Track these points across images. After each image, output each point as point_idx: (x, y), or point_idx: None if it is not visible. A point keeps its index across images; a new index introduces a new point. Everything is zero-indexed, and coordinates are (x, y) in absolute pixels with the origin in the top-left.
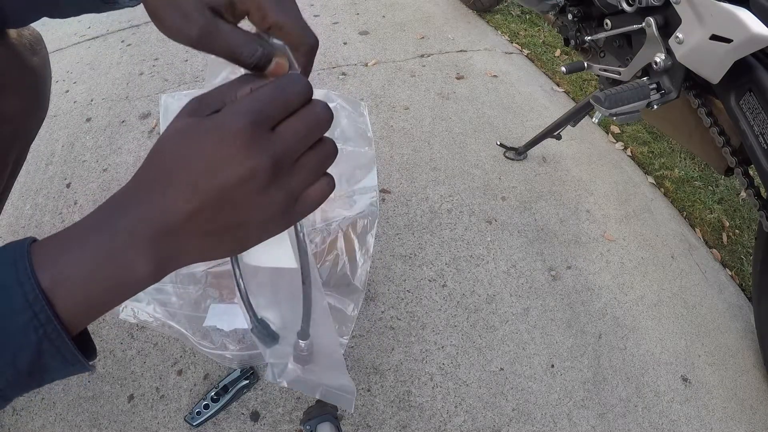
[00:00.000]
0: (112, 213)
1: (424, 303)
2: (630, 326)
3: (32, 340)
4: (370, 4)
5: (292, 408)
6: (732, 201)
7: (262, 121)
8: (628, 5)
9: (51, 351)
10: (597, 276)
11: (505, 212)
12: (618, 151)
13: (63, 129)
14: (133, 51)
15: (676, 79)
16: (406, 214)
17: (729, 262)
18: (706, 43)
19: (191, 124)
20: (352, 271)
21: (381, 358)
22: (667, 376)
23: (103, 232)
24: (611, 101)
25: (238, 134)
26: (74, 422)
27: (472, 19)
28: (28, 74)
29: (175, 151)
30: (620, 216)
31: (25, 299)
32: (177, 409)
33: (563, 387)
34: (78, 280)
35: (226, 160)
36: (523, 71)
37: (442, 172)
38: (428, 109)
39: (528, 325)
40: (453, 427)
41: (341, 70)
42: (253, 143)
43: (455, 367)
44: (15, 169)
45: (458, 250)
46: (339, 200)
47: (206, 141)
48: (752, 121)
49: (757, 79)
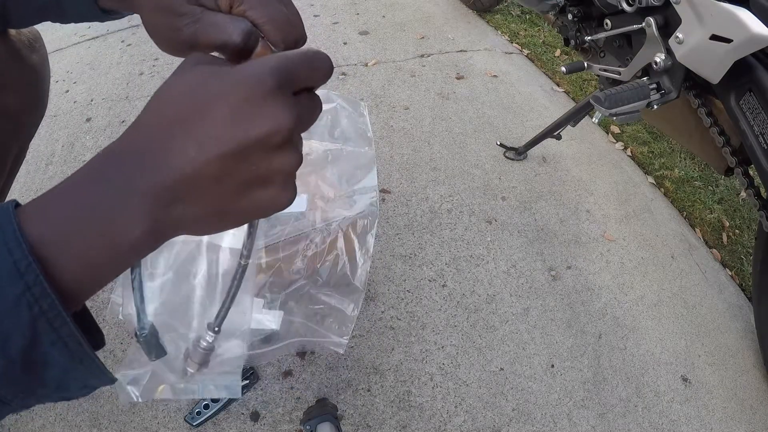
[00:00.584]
0: (109, 164)
1: (424, 303)
2: (630, 326)
3: (25, 318)
4: (370, 4)
5: (292, 408)
6: (732, 201)
7: (291, 83)
8: (628, 5)
9: (48, 333)
10: (597, 276)
11: (505, 212)
12: (618, 151)
13: (63, 129)
14: (133, 51)
15: (676, 79)
16: (406, 214)
17: (729, 262)
18: (706, 43)
19: (211, 72)
20: (352, 271)
21: (381, 358)
22: (667, 376)
23: (98, 184)
24: (611, 101)
25: (269, 88)
26: (74, 422)
27: (472, 19)
28: (28, 72)
29: (191, 99)
30: (620, 216)
31: (16, 268)
32: (177, 409)
33: (563, 387)
34: (73, 243)
35: (254, 114)
36: (523, 71)
37: (442, 172)
38: (428, 109)
39: (528, 325)
40: (453, 427)
41: (341, 70)
42: (280, 100)
43: (455, 367)
44: (14, 167)
45: (458, 250)
46: (339, 200)
47: (232, 91)
48: (752, 121)
49: (757, 79)
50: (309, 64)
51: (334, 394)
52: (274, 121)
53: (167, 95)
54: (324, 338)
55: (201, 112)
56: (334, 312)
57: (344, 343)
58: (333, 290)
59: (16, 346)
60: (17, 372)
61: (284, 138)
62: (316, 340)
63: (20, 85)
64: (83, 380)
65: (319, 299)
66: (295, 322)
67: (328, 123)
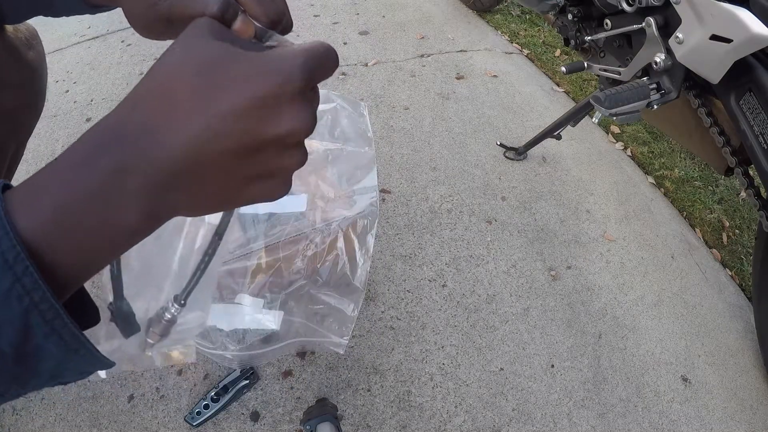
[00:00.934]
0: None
1: (424, 303)
2: (630, 326)
3: (16, 311)
4: (370, 4)
5: (292, 408)
6: (732, 201)
7: (313, 81)
8: (628, 5)
9: (41, 326)
10: (597, 276)
11: (505, 212)
12: (618, 151)
13: (63, 129)
14: (133, 51)
15: (676, 79)
16: (406, 214)
17: (729, 262)
18: (706, 43)
19: (231, 54)
20: (352, 271)
21: (381, 358)
22: (667, 376)
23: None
24: (611, 101)
25: (297, 88)
26: (74, 422)
27: (472, 19)
28: (25, 69)
29: (206, 80)
30: (620, 216)
31: (4, 260)
32: (177, 409)
33: (563, 387)
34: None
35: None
36: (523, 71)
37: (442, 172)
38: (428, 109)
39: (528, 325)
40: (453, 427)
41: (341, 70)
42: (304, 100)
43: (455, 367)
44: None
45: (458, 250)
46: (339, 200)
47: (258, 83)
48: (752, 121)
49: (757, 79)
50: (327, 62)
51: (334, 394)
52: (297, 122)
53: (175, 68)
54: (324, 338)
55: (218, 99)
56: (334, 312)
57: (344, 343)
58: (333, 290)
59: (7, 339)
60: (9, 365)
61: (301, 138)
62: (316, 340)
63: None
64: (79, 368)
65: (319, 299)
66: (295, 322)
67: (329, 123)
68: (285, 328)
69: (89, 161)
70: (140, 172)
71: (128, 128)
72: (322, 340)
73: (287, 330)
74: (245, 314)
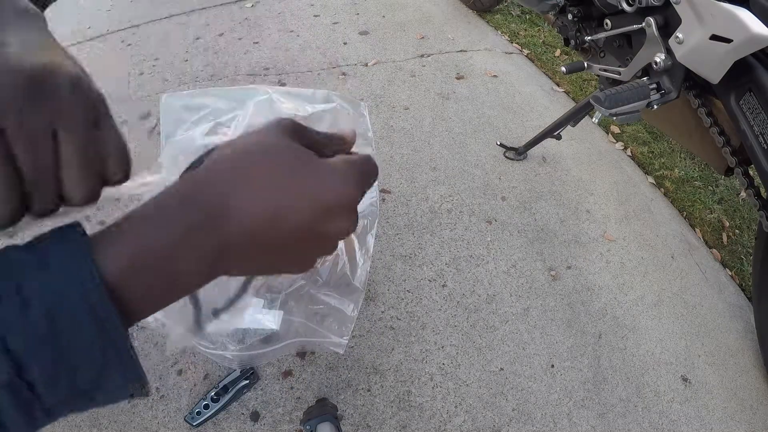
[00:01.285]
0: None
1: (424, 303)
2: (630, 326)
3: (97, 357)
4: (370, 4)
5: (292, 408)
6: (732, 201)
7: (365, 192)
8: (628, 5)
9: (115, 363)
10: (597, 276)
11: (505, 212)
12: (618, 151)
13: None
14: (133, 51)
15: (676, 79)
16: (406, 214)
17: (729, 262)
18: (706, 43)
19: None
20: (352, 271)
21: (381, 358)
22: (667, 376)
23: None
24: (611, 101)
25: (354, 199)
26: (74, 422)
27: (472, 19)
28: None
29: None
30: (620, 216)
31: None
32: (177, 409)
33: (563, 387)
34: (139, 283)
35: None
36: (523, 71)
37: (442, 172)
38: (428, 109)
39: (528, 325)
40: (453, 427)
41: (341, 70)
42: (355, 205)
43: (455, 367)
44: None
45: (458, 250)
46: None
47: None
48: (752, 121)
49: (757, 79)
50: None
51: (334, 394)
52: (349, 223)
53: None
54: (324, 338)
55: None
56: (333, 312)
57: (344, 343)
58: (333, 290)
59: (87, 378)
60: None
61: (347, 234)
62: (316, 340)
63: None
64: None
65: (319, 299)
66: (295, 322)
67: (329, 123)
68: (285, 328)
69: (165, 226)
70: (211, 246)
71: (205, 202)
72: (322, 340)
73: (287, 330)
74: (245, 314)
